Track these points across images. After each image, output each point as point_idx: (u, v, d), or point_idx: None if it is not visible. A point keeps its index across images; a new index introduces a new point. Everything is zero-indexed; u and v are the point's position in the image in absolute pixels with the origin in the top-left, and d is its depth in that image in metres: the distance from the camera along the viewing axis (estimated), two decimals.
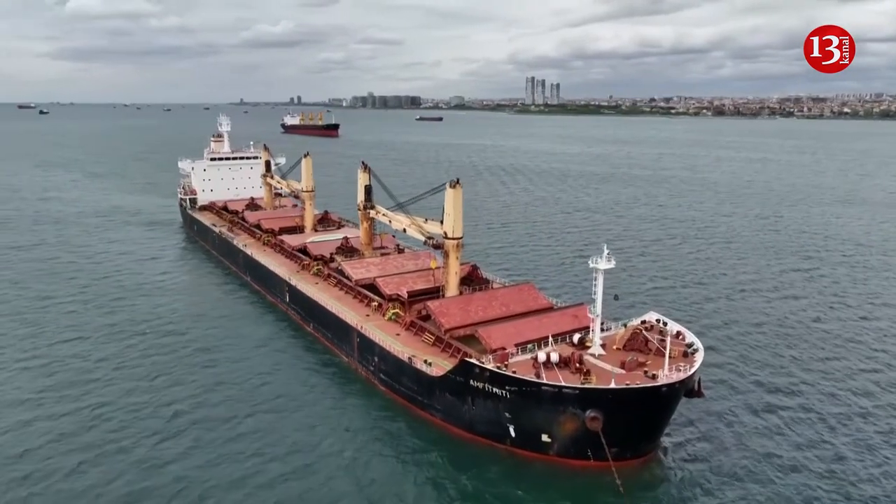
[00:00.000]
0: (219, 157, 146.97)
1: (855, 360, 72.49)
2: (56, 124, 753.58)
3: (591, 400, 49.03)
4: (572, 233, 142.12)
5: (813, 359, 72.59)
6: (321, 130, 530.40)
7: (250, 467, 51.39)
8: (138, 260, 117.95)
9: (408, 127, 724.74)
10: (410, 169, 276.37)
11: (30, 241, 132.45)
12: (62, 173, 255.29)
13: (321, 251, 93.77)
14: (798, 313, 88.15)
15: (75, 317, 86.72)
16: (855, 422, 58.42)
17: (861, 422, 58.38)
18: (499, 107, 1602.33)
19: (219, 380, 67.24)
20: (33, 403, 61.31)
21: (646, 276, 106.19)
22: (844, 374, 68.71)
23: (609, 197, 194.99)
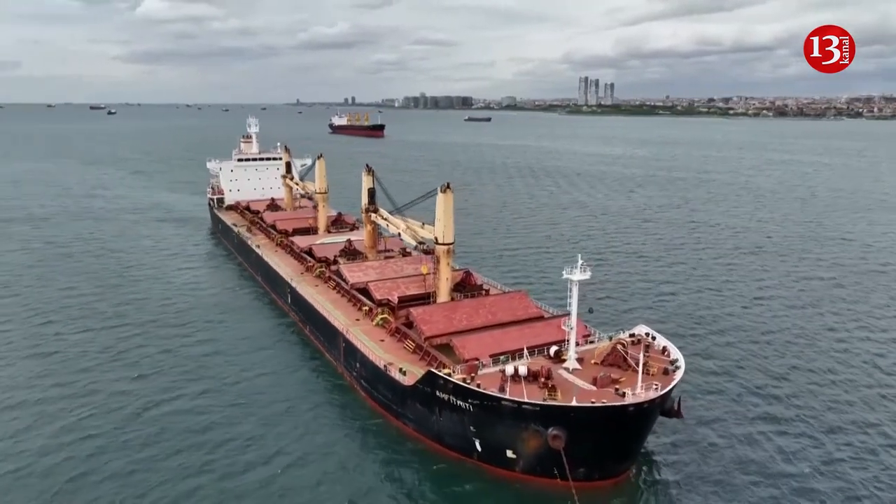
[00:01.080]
0: (245, 158, 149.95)
1: (853, 388, 67.09)
2: (119, 124, 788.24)
3: (552, 417, 47.03)
4: (592, 237, 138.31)
5: (811, 384, 67.57)
6: (367, 131, 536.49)
7: (203, 459, 52.16)
8: (162, 257, 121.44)
9: (455, 127, 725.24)
10: (443, 170, 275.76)
11: (67, 237, 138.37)
12: (111, 171, 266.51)
13: (325, 253, 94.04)
14: (810, 331, 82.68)
15: (85, 308, 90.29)
16: (844, 465, 54.25)
17: (849, 463, 54.12)
18: (551, 107, 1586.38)
19: (202, 374, 68.66)
20: (28, 386, 63.65)
21: (661, 284, 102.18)
22: (841, 403, 63.92)
23: (640, 201, 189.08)
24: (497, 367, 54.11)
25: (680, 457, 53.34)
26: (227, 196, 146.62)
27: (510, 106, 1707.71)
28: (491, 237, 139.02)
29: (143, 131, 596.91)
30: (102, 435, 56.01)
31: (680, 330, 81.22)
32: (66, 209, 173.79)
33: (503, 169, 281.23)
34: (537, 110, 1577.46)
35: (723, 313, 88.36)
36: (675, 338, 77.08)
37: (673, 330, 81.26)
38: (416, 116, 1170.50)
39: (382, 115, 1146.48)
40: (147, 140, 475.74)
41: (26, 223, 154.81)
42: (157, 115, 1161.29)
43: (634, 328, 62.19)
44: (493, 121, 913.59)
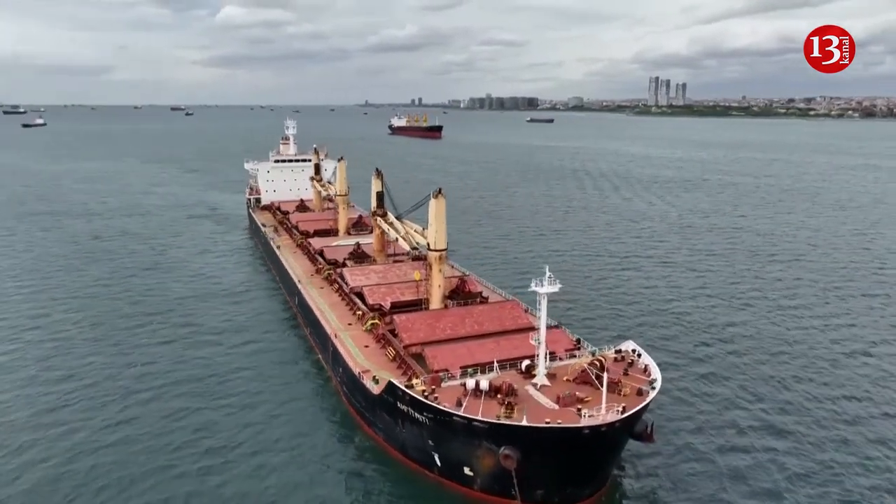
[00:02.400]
0: (281, 160, 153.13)
1: (841, 419, 61.28)
2: (193, 125, 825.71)
3: (503, 436, 45.02)
4: (623, 242, 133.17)
5: (810, 414, 62.19)
6: (425, 132, 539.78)
7: (171, 454, 53.48)
8: (194, 252, 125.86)
9: (515, 128, 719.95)
10: (488, 172, 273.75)
11: (113, 231, 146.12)
12: (170, 169, 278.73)
13: (336, 255, 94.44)
14: (824, 355, 76.43)
15: (106, 297, 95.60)
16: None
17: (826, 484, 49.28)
18: (619, 108, 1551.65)
19: (193, 366, 71.02)
20: (32, 372, 66.95)
21: (683, 296, 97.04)
22: (843, 442, 58.36)
23: (684, 206, 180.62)
24: (464, 380, 52.48)
25: (655, 483, 50.04)
26: (263, 196, 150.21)
27: (577, 107, 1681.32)
28: (517, 240, 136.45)
29: (211, 131, 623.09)
30: (78, 411, 58.12)
31: (685, 348, 76.88)
32: (121, 205, 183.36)
33: (549, 171, 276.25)
34: (604, 111, 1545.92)
35: (740, 333, 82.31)
36: (679, 357, 73.78)
37: (680, 348, 77.17)
38: (479, 117, 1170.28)
39: (447, 115, 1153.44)
40: (212, 140, 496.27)
41: (81, 216, 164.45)
42: (231, 116, 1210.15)
43: (622, 344, 59.23)
44: (555, 122, 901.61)
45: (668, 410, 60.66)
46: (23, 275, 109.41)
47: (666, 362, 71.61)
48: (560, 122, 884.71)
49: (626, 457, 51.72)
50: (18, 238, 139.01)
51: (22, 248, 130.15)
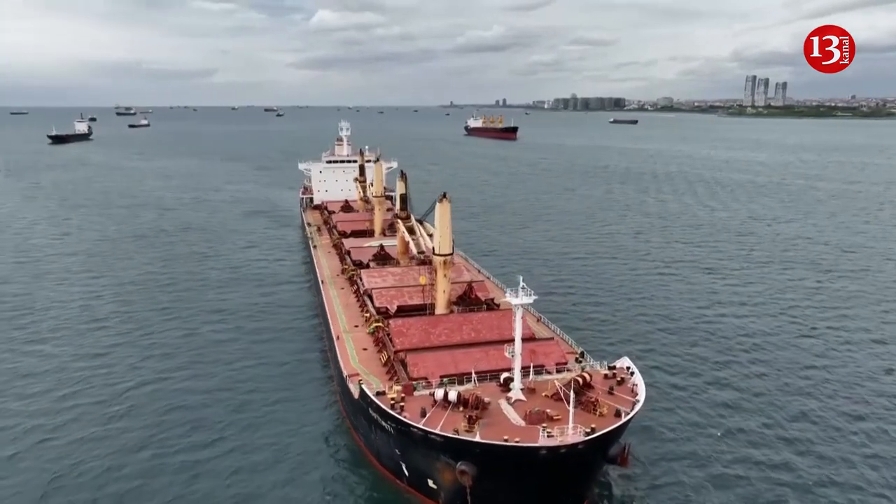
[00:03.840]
0: (333, 160, 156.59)
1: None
2: (281, 125, 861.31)
3: (459, 451, 43.66)
4: (672, 247, 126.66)
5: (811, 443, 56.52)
6: (500, 133, 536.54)
7: (154, 440, 56.19)
8: (243, 247, 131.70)
9: (595, 130, 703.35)
10: (552, 174, 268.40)
11: (176, 224, 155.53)
12: (246, 168, 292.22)
13: (361, 256, 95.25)
14: (864, 392, 69.00)
15: (149, 286, 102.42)
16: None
17: None
18: (711, 108, 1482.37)
19: (205, 356, 74.67)
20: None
21: (718, 307, 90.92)
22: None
23: (750, 212, 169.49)
24: (432, 390, 51.49)
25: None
26: (315, 196, 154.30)
27: (666, 107, 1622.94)
28: (563, 243, 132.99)
29: (295, 131, 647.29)
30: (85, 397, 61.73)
31: (701, 368, 72.17)
32: (192, 200, 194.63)
33: (617, 173, 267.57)
34: (696, 112, 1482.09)
35: (766, 357, 75.74)
36: (692, 376, 69.44)
37: (695, 367, 72.51)
38: (561, 118, 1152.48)
39: (528, 116, 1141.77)
40: (294, 140, 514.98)
41: (154, 210, 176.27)
42: (318, 116, 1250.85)
43: (617, 360, 56.34)
44: (639, 123, 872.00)
45: (656, 434, 57.05)
46: (88, 260, 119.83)
47: (672, 382, 67.81)
48: (644, 124, 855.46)
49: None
50: (93, 227, 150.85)
51: (95, 236, 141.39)
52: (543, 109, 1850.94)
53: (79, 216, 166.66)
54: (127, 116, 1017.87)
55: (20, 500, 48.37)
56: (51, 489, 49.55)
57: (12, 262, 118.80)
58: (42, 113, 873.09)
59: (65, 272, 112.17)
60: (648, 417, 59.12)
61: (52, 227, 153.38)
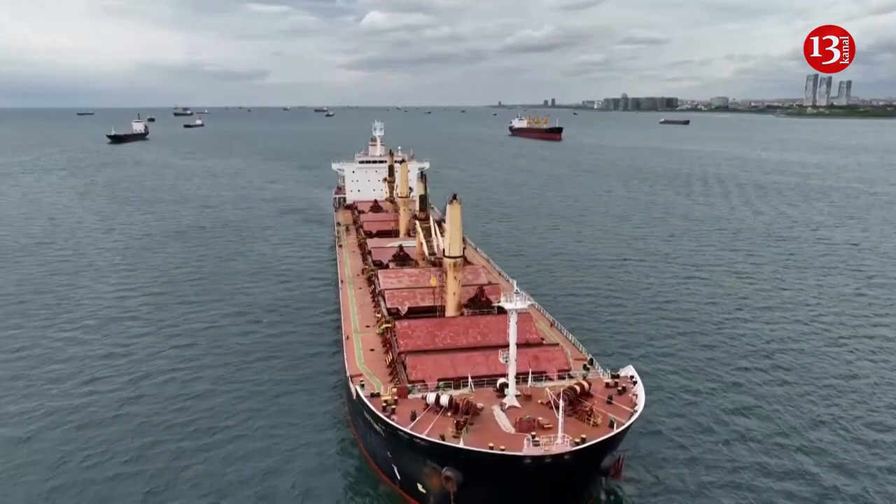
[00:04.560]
0: (366, 161, 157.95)
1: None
2: (330, 125, 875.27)
3: (443, 456, 43.23)
4: (702, 253, 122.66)
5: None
6: (544, 134, 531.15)
7: (159, 427, 58.26)
8: (275, 244, 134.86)
9: (644, 130, 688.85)
10: (590, 176, 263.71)
11: (216, 220, 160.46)
12: (289, 167, 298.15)
13: (381, 256, 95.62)
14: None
15: (177, 277, 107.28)
16: None
17: None
18: (769, 108, 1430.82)
19: (219, 347, 77.15)
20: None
21: (741, 313, 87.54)
22: None
23: (796, 216, 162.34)
24: (424, 394, 51.17)
25: None
26: (348, 196, 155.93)
27: (720, 107, 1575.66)
28: (592, 245, 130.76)
29: (343, 132, 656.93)
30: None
31: (714, 375, 69.74)
32: (234, 197, 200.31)
33: (660, 175, 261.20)
34: (752, 112, 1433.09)
35: (789, 375, 72.67)
36: (705, 387, 67.03)
37: (707, 376, 70.02)
38: (610, 119, 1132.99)
39: (576, 117, 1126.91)
40: (340, 140, 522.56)
41: (196, 207, 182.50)
42: (366, 116, 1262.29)
43: (622, 369, 54.97)
44: (691, 123, 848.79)
45: (662, 444, 55.44)
46: (127, 254, 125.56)
47: (688, 388, 65.59)
48: (696, 124, 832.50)
49: None
50: (136, 223, 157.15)
51: (137, 232, 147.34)
52: (593, 110, 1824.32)
53: (125, 212, 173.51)
54: (184, 117, 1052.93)
55: (27, 478, 50.96)
56: (58, 466, 52.15)
57: (58, 255, 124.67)
58: (107, 113, 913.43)
59: (104, 265, 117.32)
60: (656, 425, 57.53)
61: (99, 222, 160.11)
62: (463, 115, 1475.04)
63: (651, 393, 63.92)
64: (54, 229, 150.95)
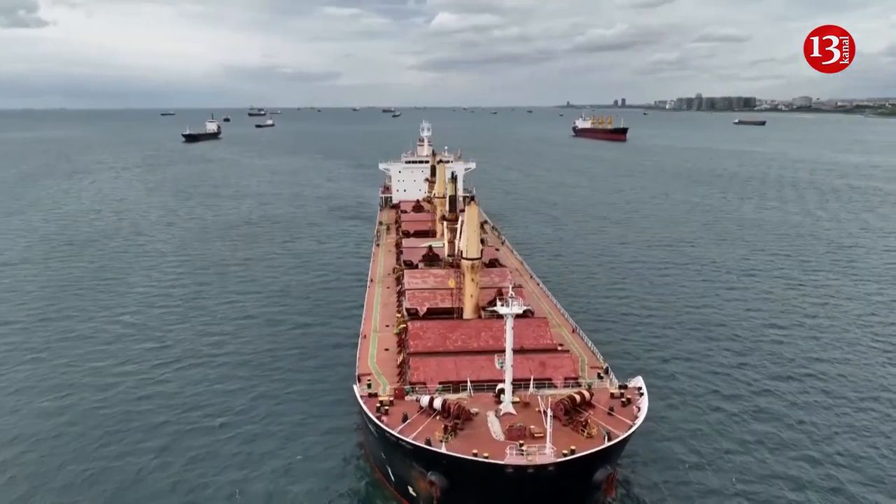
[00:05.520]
0: (412, 161, 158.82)
1: None
2: (396, 126, 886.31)
3: (428, 461, 42.68)
4: (749, 259, 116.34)
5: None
6: (608, 134, 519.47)
7: (179, 410, 61.13)
8: (320, 240, 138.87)
9: (715, 131, 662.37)
10: (648, 178, 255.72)
11: (267, 217, 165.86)
12: (344, 166, 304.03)
13: (411, 256, 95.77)
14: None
15: (221, 266, 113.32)
16: None
17: None
18: (857, 108, 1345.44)
19: (243, 338, 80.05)
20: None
21: (778, 325, 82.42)
22: None
23: (865, 222, 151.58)
24: (418, 396, 50.72)
25: None
26: (394, 195, 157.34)
27: (803, 107, 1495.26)
28: (637, 248, 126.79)
29: (407, 132, 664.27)
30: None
31: (734, 391, 65.98)
32: (290, 194, 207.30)
33: (720, 177, 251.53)
34: (838, 112, 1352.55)
35: (828, 386, 67.98)
36: (724, 401, 63.79)
37: (726, 390, 66.34)
38: (682, 119, 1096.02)
39: (646, 117, 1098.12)
40: (404, 140, 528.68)
41: (252, 202, 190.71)
42: (433, 116, 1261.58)
43: (631, 379, 52.87)
44: (768, 124, 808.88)
45: (660, 464, 52.81)
46: (181, 245, 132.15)
47: (710, 405, 62.33)
48: (773, 125, 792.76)
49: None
50: (194, 217, 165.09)
51: (193, 225, 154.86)
52: (664, 110, 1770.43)
53: (186, 207, 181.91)
54: (257, 117, 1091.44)
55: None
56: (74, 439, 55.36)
57: (120, 245, 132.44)
58: (187, 114, 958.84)
59: (159, 255, 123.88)
60: (667, 441, 55.00)
61: (161, 215, 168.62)
62: (529, 115, 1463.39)
63: (668, 405, 61.68)
64: (120, 221, 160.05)
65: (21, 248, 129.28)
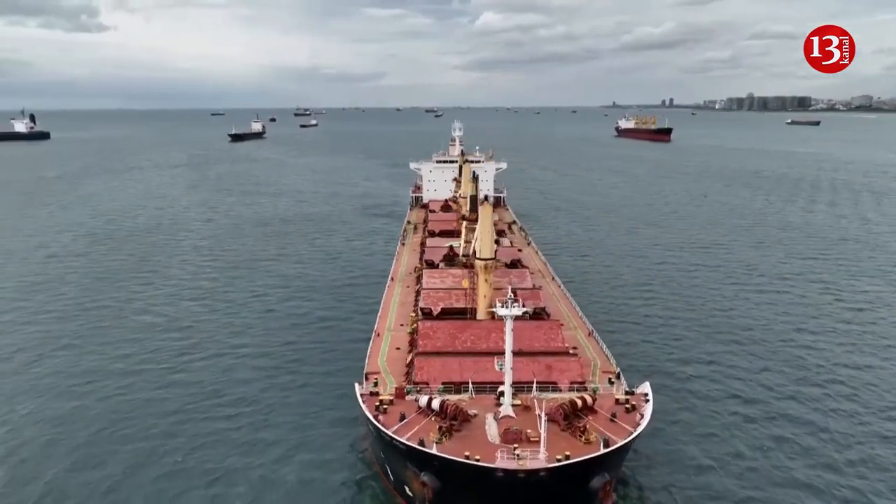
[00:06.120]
0: (442, 160, 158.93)
1: None
2: (438, 126, 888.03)
3: (421, 461, 42.59)
4: (785, 264, 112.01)
5: None
6: (652, 134, 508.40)
7: (191, 398, 62.80)
8: (349, 237, 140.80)
9: (765, 131, 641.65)
10: (689, 180, 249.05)
11: (301, 214, 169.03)
12: (381, 166, 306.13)
13: (432, 256, 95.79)
14: None
15: (248, 259, 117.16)
16: None
17: None
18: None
19: (262, 332, 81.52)
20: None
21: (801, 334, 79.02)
22: None
23: None
24: (416, 396, 50.61)
25: None
26: (424, 195, 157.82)
27: (862, 106, 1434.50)
28: (668, 250, 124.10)
29: (448, 133, 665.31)
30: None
31: (765, 397, 63.54)
32: (327, 193, 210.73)
33: (765, 178, 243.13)
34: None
35: (855, 395, 64.89)
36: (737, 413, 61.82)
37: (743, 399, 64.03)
38: (732, 119, 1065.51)
39: (694, 117, 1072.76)
40: (442, 140, 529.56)
41: (289, 200, 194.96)
42: (475, 117, 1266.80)
43: (639, 385, 51.68)
44: (822, 124, 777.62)
45: (665, 472, 51.29)
46: (215, 242, 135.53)
47: (729, 411, 60.46)
48: (829, 125, 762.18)
49: None
50: (231, 213, 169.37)
51: (229, 222, 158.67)
52: (714, 110, 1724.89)
53: (225, 203, 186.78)
54: (302, 117, 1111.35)
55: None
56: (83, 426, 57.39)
57: (158, 241, 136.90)
58: (235, 114, 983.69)
59: (194, 250, 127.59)
60: (678, 449, 53.51)
61: (201, 211, 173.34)
62: (573, 115, 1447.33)
63: (684, 408, 60.19)
64: (161, 216, 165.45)
65: (67, 241, 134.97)
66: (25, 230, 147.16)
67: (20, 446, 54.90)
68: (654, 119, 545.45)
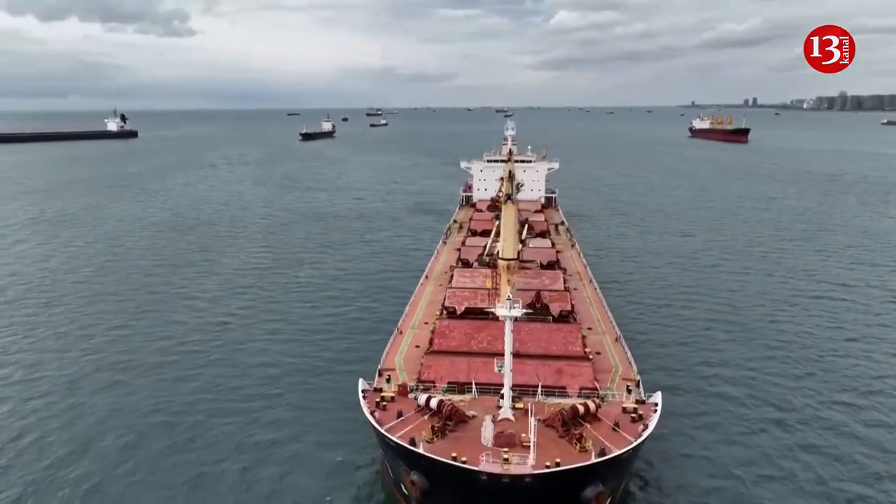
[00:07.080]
0: (493, 160, 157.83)
1: None
2: (504, 125, 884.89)
3: (411, 460, 42.42)
4: (846, 269, 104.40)
5: None
6: (727, 135, 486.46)
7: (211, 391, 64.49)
8: (395, 235, 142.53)
9: (854, 132, 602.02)
10: (759, 181, 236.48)
11: (352, 210, 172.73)
12: (443, 165, 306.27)
13: (468, 255, 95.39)
14: None
15: (292, 254, 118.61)
16: None
17: None
18: None
19: (292, 325, 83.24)
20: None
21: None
22: None
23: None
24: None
25: None
26: (474, 194, 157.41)
27: None
28: (721, 254, 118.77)
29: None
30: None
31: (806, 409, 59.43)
32: (385, 191, 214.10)
33: (844, 182, 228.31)
34: None
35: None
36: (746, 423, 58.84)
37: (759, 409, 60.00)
38: (819, 119, 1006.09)
39: (778, 117, 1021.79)
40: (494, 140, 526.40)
41: (347, 196, 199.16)
42: (546, 117, 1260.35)
43: (652, 395, 49.77)
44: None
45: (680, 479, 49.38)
46: (267, 237, 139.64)
47: (745, 428, 57.38)
48: None
49: None
50: (288, 209, 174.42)
51: (284, 217, 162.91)
52: (801, 109, 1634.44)
53: (286, 199, 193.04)
54: (373, 117, 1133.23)
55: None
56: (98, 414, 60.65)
57: (218, 233, 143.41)
58: (311, 114, 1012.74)
59: (246, 245, 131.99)
60: (690, 466, 51.02)
61: (261, 207, 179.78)
62: (648, 115, 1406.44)
63: (713, 420, 57.35)
64: (224, 210, 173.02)
65: (135, 232, 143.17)
66: (98, 221, 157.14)
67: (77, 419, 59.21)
68: (730, 119, 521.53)
